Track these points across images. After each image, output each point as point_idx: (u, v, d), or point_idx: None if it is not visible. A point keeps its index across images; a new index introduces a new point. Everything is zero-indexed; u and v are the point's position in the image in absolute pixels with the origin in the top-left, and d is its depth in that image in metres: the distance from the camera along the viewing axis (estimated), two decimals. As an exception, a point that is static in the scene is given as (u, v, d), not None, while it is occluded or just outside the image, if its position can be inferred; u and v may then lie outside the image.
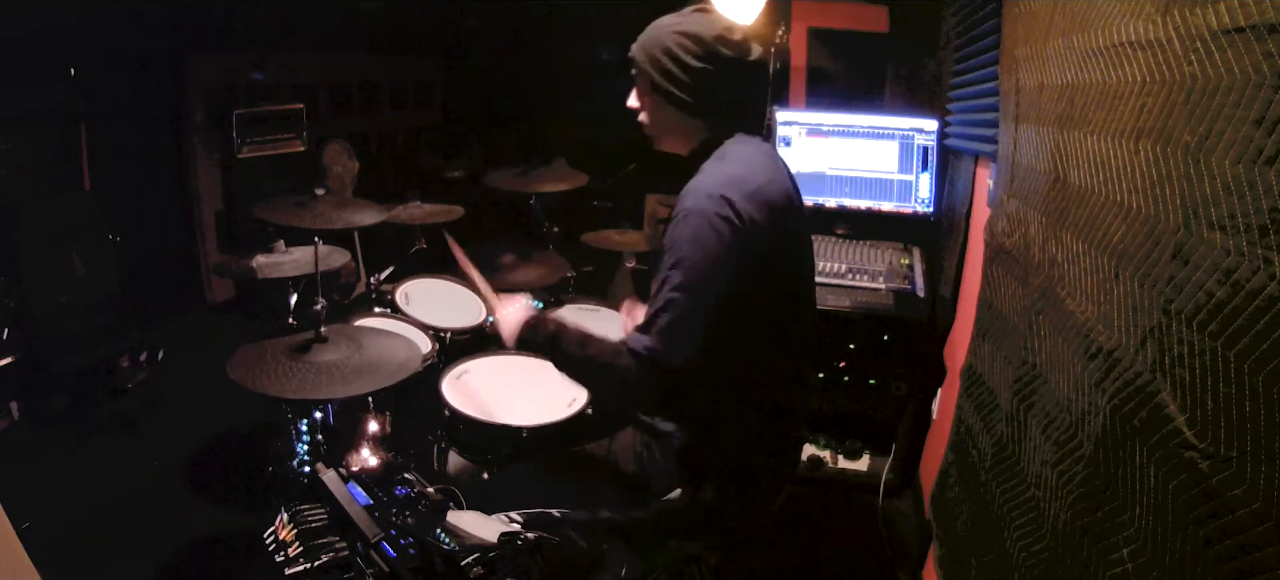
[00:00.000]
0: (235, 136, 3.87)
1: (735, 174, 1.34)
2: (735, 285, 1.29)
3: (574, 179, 3.36)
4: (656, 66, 1.41)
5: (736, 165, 1.37)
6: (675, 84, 1.40)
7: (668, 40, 1.40)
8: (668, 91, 1.41)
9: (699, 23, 1.40)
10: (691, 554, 1.51)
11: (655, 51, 1.41)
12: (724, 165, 1.38)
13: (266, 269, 2.65)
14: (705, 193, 1.30)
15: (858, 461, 2.60)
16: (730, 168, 1.37)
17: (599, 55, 5.25)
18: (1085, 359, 1.15)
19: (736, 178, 1.33)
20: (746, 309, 1.34)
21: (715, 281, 1.28)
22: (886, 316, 2.32)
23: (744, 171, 1.35)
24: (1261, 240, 0.75)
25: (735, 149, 1.41)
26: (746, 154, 1.40)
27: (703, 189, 1.32)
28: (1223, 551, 0.76)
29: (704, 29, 1.38)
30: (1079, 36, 1.30)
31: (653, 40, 1.43)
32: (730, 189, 1.30)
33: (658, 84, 1.42)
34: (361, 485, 1.50)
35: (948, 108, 2.53)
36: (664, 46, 1.40)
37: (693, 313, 1.27)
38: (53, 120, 3.31)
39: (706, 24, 1.40)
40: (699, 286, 1.27)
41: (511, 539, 1.36)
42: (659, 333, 1.28)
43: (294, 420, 2.35)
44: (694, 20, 1.41)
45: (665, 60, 1.40)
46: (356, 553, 1.33)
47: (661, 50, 1.40)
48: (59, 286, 2.97)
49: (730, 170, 1.36)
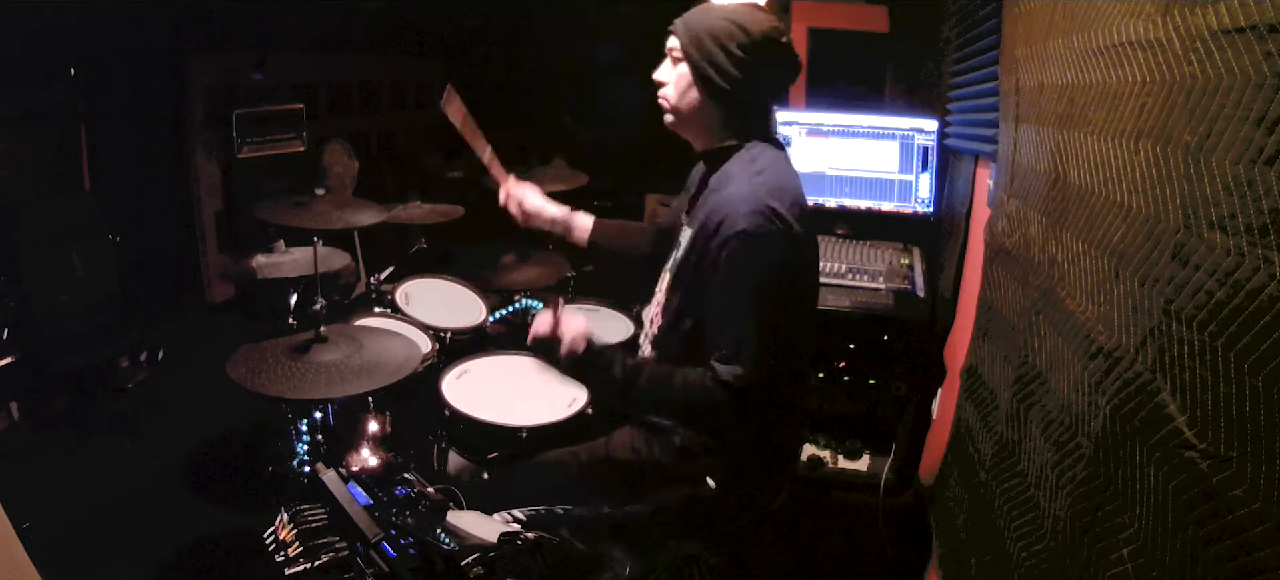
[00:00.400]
0: (235, 136, 3.87)
1: (775, 183, 1.35)
2: (792, 294, 1.35)
3: (574, 179, 3.36)
4: (701, 49, 1.38)
5: (774, 174, 1.37)
6: (718, 71, 1.37)
7: (717, 25, 1.37)
8: (707, 77, 1.39)
9: (751, 18, 1.38)
10: (691, 554, 1.51)
11: (701, 34, 1.38)
12: (763, 175, 1.37)
13: (266, 269, 2.65)
14: (758, 211, 1.30)
15: (858, 461, 2.60)
16: (769, 177, 1.36)
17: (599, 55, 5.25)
18: (1085, 359, 1.15)
19: (778, 187, 1.34)
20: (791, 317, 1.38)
21: (781, 297, 1.32)
22: (886, 316, 2.32)
23: (782, 180, 1.37)
24: (1261, 240, 0.75)
25: (766, 155, 1.41)
26: (778, 163, 1.41)
27: (753, 206, 1.31)
28: (1223, 551, 0.76)
29: (755, 25, 1.37)
30: (1079, 36, 1.30)
31: (700, 21, 1.40)
32: (776, 200, 1.32)
33: (698, 67, 1.39)
34: (361, 485, 1.50)
35: (948, 108, 2.53)
36: (712, 30, 1.37)
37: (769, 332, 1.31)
38: (53, 120, 3.31)
39: (758, 20, 1.38)
40: (772, 306, 1.31)
41: (511, 539, 1.36)
42: (748, 361, 1.31)
43: (294, 420, 2.35)
44: (746, 13, 1.39)
45: (711, 45, 1.37)
46: (356, 553, 1.33)
47: (709, 34, 1.37)
48: (59, 286, 2.97)
49: (770, 180, 1.36)
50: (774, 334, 1.32)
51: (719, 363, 1.33)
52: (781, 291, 1.33)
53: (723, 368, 1.33)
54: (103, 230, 3.20)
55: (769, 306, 1.31)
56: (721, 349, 1.33)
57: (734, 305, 1.32)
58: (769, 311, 1.31)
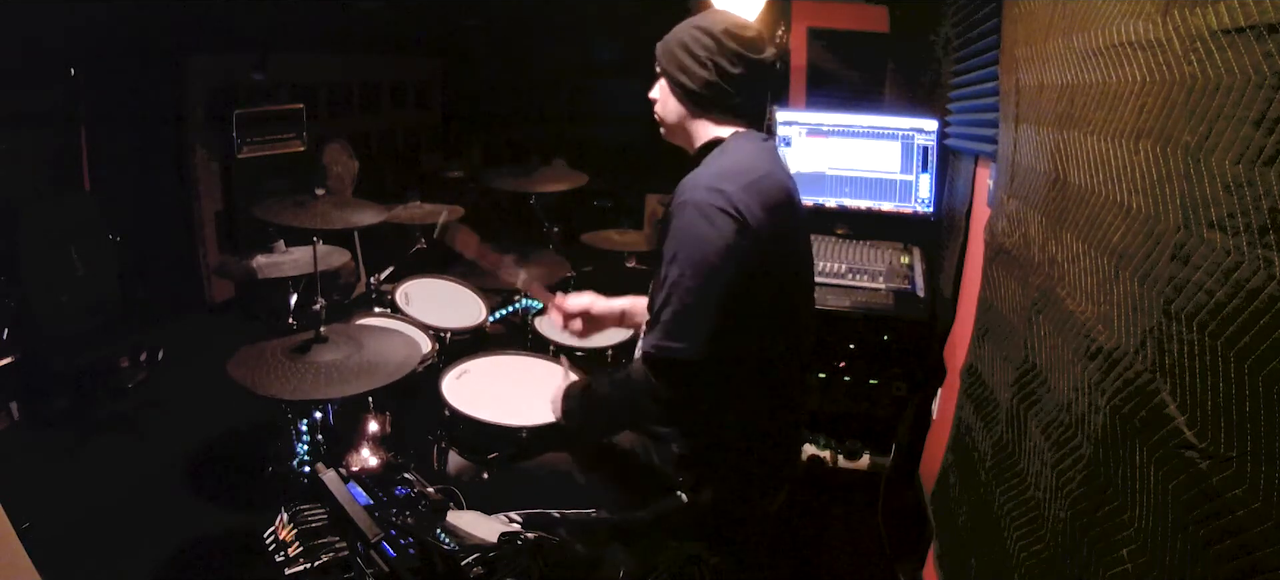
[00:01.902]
0: (235, 136, 3.87)
1: (730, 167, 1.35)
2: (733, 276, 1.29)
3: (574, 179, 3.36)
4: (671, 59, 1.44)
5: (733, 158, 1.38)
6: (687, 74, 1.42)
7: (684, 33, 1.43)
8: (678, 82, 1.44)
9: (713, 18, 1.42)
10: (691, 554, 1.50)
11: (671, 44, 1.45)
12: (721, 159, 1.39)
13: (266, 269, 2.65)
14: (701, 185, 1.31)
15: (858, 461, 2.60)
16: (726, 161, 1.38)
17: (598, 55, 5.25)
18: (1085, 359, 1.15)
19: (732, 170, 1.34)
20: (745, 304, 1.33)
21: (716, 271, 1.28)
22: (886, 316, 2.32)
23: (740, 164, 1.36)
24: (1261, 240, 0.75)
25: (734, 143, 1.43)
26: (745, 149, 1.41)
27: (699, 182, 1.32)
28: (1223, 551, 0.76)
29: (716, 23, 1.41)
30: (1079, 36, 1.30)
31: (672, 35, 1.46)
32: (725, 181, 1.31)
33: (671, 75, 1.45)
34: (361, 485, 1.50)
35: (948, 108, 2.53)
36: (680, 38, 1.43)
37: (694, 303, 1.28)
38: (53, 120, 3.31)
39: (719, 18, 1.42)
40: (699, 277, 1.28)
41: (511, 539, 1.36)
42: (663, 326, 1.29)
43: (294, 420, 2.35)
44: (709, 16, 1.43)
45: (679, 53, 1.43)
46: (356, 553, 1.33)
47: (677, 43, 1.44)
48: (59, 286, 2.97)
49: (725, 163, 1.37)
50: (708, 310, 1.28)
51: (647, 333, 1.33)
52: (721, 269, 1.28)
53: (647, 338, 1.32)
54: (103, 230, 3.20)
55: (701, 281, 1.27)
56: (651, 319, 1.33)
57: (666, 274, 1.30)
58: (701, 286, 1.27)
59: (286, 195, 2.46)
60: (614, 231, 3.36)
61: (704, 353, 1.28)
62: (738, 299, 1.31)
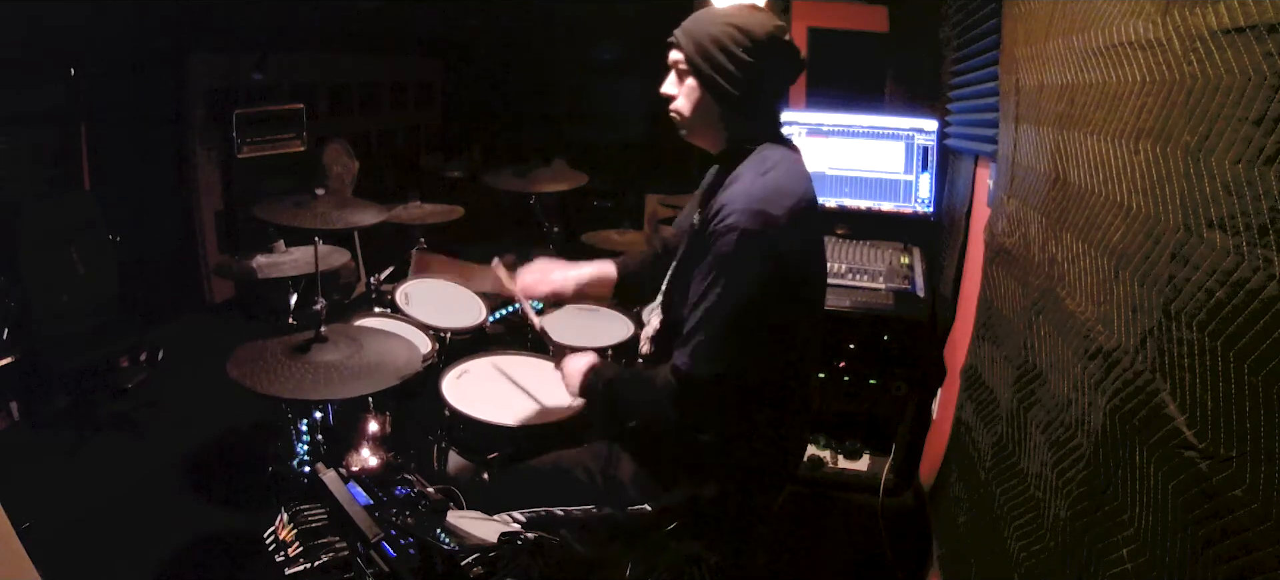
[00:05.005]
0: (235, 136, 3.87)
1: (779, 184, 1.34)
2: (771, 303, 1.31)
3: (574, 179, 3.36)
4: (707, 58, 1.37)
5: (780, 176, 1.36)
6: (724, 77, 1.36)
7: (719, 31, 1.36)
8: (713, 83, 1.37)
9: (752, 19, 1.37)
10: (692, 554, 1.50)
11: (706, 42, 1.37)
12: (769, 176, 1.36)
13: (266, 269, 2.65)
14: (750, 210, 1.29)
15: (858, 461, 2.60)
16: (774, 178, 1.35)
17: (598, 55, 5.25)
18: (1085, 359, 1.15)
19: (781, 189, 1.33)
20: (777, 329, 1.36)
21: (754, 303, 1.30)
22: (886, 316, 2.32)
23: (783, 185, 1.35)
24: (1261, 240, 0.75)
25: (776, 155, 1.40)
26: (786, 164, 1.39)
27: (749, 204, 1.30)
28: (1223, 551, 0.76)
29: (758, 26, 1.36)
30: (1079, 36, 1.30)
31: (702, 29, 1.38)
32: (774, 204, 1.30)
33: (704, 74, 1.38)
34: (361, 485, 1.49)
35: (948, 108, 2.53)
36: (714, 37, 1.36)
37: (730, 333, 1.30)
38: (53, 120, 3.31)
39: (760, 21, 1.37)
40: (738, 308, 1.30)
41: (511, 539, 1.36)
42: (695, 350, 1.31)
43: (294, 420, 2.35)
44: (746, 15, 1.37)
45: (715, 51, 1.35)
46: (356, 553, 1.33)
47: (713, 41, 1.36)
48: (59, 286, 2.97)
49: (774, 181, 1.34)
50: (739, 340, 1.31)
51: (678, 348, 1.35)
52: (759, 301, 1.30)
53: (678, 353, 1.34)
54: (103, 230, 3.20)
55: (738, 312, 1.29)
56: (684, 336, 1.34)
57: (705, 295, 1.31)
58: (737, 317, 1.30)
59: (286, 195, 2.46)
60: (614, 231, 3.35)
61: (724, 380, 1.32)
62: (770, 327, 1.34)
